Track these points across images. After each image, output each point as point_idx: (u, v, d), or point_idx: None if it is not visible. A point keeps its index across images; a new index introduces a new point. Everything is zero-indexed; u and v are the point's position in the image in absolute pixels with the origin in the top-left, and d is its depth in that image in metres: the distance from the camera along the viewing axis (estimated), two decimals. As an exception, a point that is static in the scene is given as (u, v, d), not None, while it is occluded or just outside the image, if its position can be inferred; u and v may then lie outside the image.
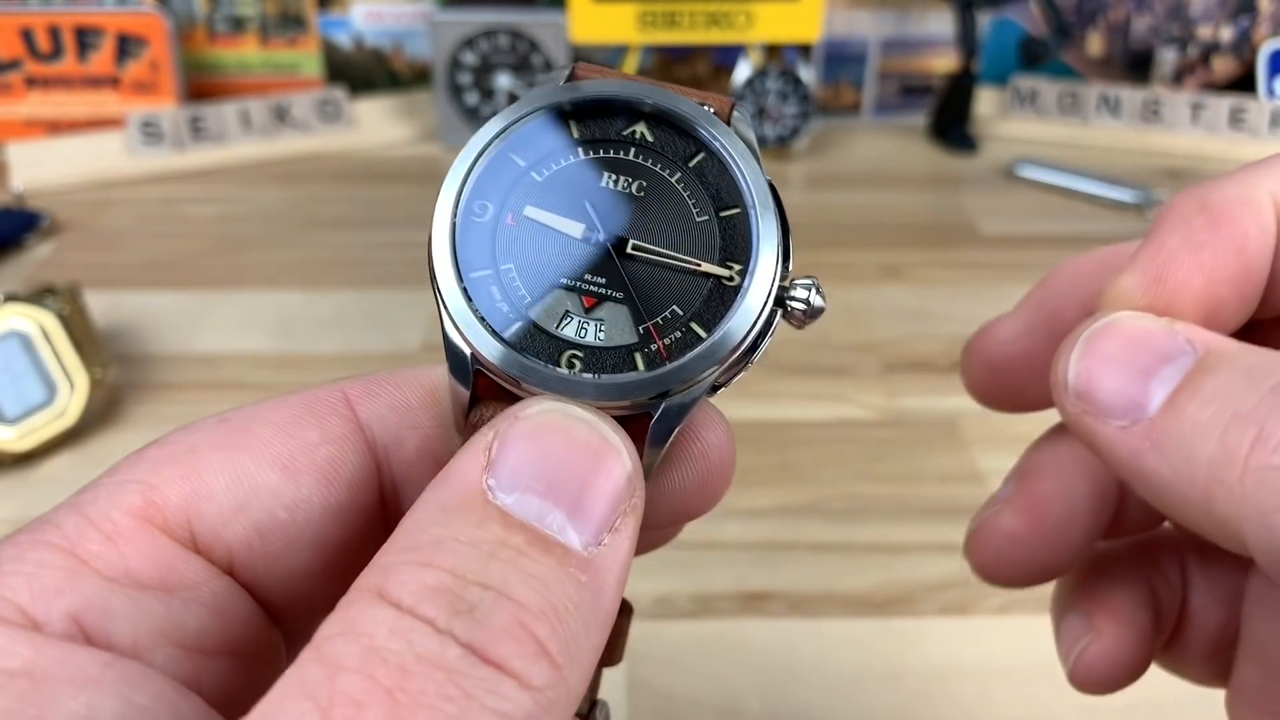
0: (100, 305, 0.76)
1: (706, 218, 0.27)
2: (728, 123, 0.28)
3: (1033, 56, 1.12)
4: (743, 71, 1.07)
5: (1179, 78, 1.20)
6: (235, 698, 0.24)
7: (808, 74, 1.08)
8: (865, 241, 0.95)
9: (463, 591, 0.20)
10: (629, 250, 0.27)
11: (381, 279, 0.88)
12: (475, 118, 1.10)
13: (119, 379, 0.73)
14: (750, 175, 0.27)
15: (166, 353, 0.78)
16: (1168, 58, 1.19)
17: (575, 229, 0.27)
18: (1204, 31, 1.18)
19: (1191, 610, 0.34)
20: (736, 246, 0.27)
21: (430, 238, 0.26)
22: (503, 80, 1.09)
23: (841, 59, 1.19)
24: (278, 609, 0.26)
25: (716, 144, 0.27)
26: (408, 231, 0.95)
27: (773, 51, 1.08)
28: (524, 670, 0.19)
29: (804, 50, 1.09)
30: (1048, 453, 0.33)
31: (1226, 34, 1.18)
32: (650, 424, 0.25)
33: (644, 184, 0.27)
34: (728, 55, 1.15)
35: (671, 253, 0.27)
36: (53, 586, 0.22)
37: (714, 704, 0.52)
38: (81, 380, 0.67)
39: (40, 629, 0.21)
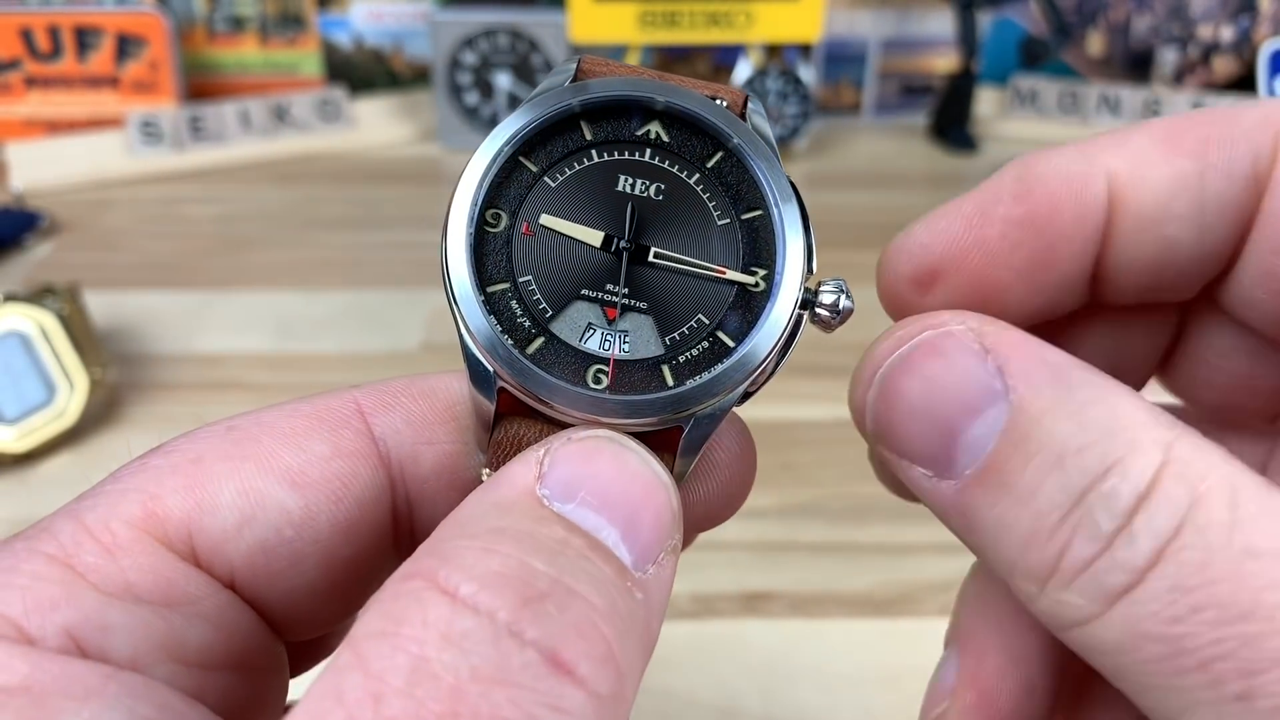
0: (100, 305, 0.76)
1: (728, 221, 0.26)
2: (742, 117, 0.27)
3: (1033, 56, 1.12)
4: (743, 71, 1.07)
5: (1179, 77, 1.20)
6: (239, 711, 0.23)
7: (808, 74, 1.08)
8: (865, 241, 0.95)
9: (532, 580, 0.19)
10: (650, 258, 0.26)
11: (381, 279, 0.88)
12: (475, 117, 1.10)
13: (118, 379, 0.73)
14: (770, 174, 0.26)
15: (166, 353, 0.77)
16: (1168, 58, 1.19)
17: (594, 238, 0.26)
18: (1204, 31, 1.18)
19: None
20: (760, 251, 0.26)
21: (445, 251, 0.25)
22: (502, 80, 1.09)
23: (841, 59, 1.18)
24: (281, 624, 0.26)
25: (734, 143, 0.27)
26: (407, 232, 0.95)
27: (773, 51, 1.08)
28: (592, 676, 0.18)
29: (804, 50, 1.09)
30: (984, 607, 0.29)
31: (1227, 34, 1.18)
32: (682, 435, 0.25)
33: (662, 186, 0.27)
34: (728, 55, 1.15)
35: (694, 260, 0.26)
36: (48, 601, 0.21)
37: (714, 704, 0.52)
38: (81, 380, 0.67)
39: (35, 644, 0.21)
